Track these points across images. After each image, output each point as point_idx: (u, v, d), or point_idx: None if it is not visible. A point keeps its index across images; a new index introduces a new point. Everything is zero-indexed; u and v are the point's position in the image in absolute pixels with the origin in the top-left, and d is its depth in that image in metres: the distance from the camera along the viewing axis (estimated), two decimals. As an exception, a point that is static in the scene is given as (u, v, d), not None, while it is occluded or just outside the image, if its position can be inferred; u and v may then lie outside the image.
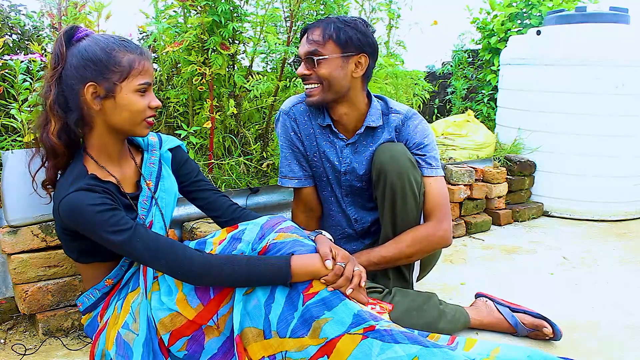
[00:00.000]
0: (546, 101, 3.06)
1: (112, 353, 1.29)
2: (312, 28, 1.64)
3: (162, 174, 1.45)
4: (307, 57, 1.63)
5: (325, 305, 1.20)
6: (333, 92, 1.66)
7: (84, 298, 1.40)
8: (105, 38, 1.27)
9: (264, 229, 1.32)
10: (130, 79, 1.25)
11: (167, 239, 1.25)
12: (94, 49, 1.24)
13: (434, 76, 4.72)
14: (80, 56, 1.24)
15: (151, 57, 1.32)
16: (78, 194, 1.20)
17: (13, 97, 1.77)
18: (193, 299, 1.25)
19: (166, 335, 1.26)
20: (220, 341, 1.27)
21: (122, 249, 1.21)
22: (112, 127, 1.29)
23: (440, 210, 1.71)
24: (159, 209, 1.41)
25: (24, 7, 2.46)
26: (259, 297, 1.23)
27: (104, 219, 1.19)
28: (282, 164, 1.82)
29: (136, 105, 1.26)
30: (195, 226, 1.94)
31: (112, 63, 1.24)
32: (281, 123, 1.79)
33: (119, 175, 1.35)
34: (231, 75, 2.30)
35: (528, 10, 3.93)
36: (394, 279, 1.74)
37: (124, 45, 1.26)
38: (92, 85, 1.23)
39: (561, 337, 1.64)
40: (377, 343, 1.17)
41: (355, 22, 1.64)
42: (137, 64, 1.25)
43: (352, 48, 1.62)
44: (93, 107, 1.25)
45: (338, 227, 1.88)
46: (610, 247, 2.61)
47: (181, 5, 2.14)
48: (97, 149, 1.32)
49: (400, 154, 1.66)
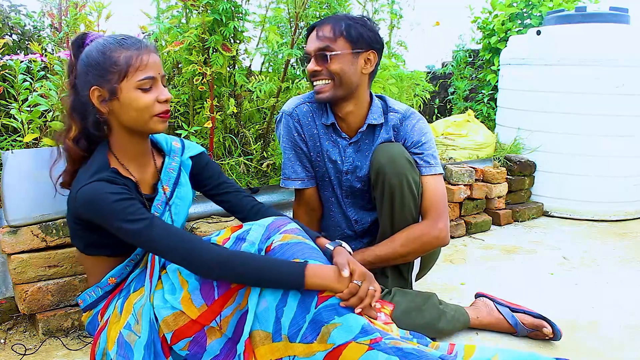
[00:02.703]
0: (546, 101, 3.06)
1: (113, 353, 1.29)
2: (321, 25, 1.65)
3: (180, 181, 1.45)
4: (318, 52, 1.63)
5: (336, 311, 1.21)
6: (344, 88, 1.66)
7: (85, 295, 1.40)
8: (104, 40, 1.27)
9: (269, 230, 1.32)
10: (129, 76, 1.24)
11: (183, 231, 1.26)
12: (93, 53, 1.25)
13: (434, 76, 4.72)
14: (82, 62, 1.26)
15: (154, 49, 1.30)
16: (98, 184, 1.21)
17: (13, 97, 1.77)
18: (197, 299, 1.25)
19: (169, 334, 1.26)
20: (222, 342, 1.27)
21: (137, 238, 1.21)
22: (126, 127, 1.30)
23: (436, 209, 1.70)
24: (170, 216, 1.41)
25: (24, 7, 2.47)
26: (269, 300, 1.22)
27: (121, 207, 1.19)
28: (285, 165, 1.82)
29: (140, 102, 1.25)
30: (195, 226, 1.94)
31: (109, 64, 1.24)
32: (284, 124, 1.79)
33: (138, 175, 1.36)
34: (232, 75, 2.30)
35: (528, 11, 3.93)
36: (393, 278, 1.74)
37: (121, 43, 1.25)
38: (96, 89, 1.25)
39: (561, 337, 1.64)
40: (383, 356, 1.17)
41: (363, 19, 1.66)
42: (134, 59, 1.24)
43: (362, 44, 1.63)
44: (102, 110, 1.26)
45: (338, 228, 1.88)
46: (610, 247, 2.61)
47: (183, 5, 2.14)
48: (118, 148, 1.33)
49: (399, 155, 1.66)
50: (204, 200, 2.03)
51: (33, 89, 1.78)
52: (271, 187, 2.26)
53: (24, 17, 2.43)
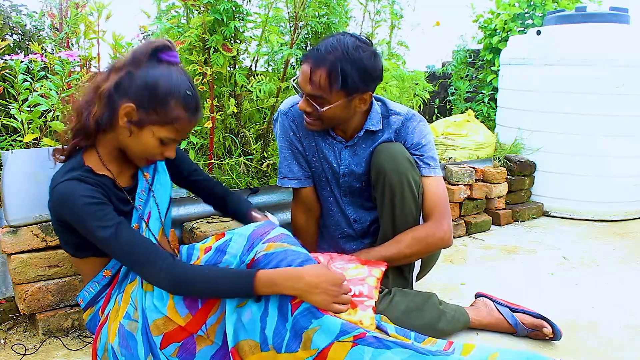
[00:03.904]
0: (546, 101, 3.06)
1: (115, 345, 1.30)
2: (316, 67, 1.52)
3: (158, 168, 1.47)
4: (310, 97, 1.58)
5: (312, 314, 1.21)
6: (333, 124, 1.68)
7: (84, 293, 1.40)
8: (178, 80, 1.25)
9: (251, 239, 1.29)
10: (165, 129, 1.26)
11: (145, 244, 1.24)
12: (162, 83, 1.23)
13: (434, 76, 4.71)
14: (146, 78, 1.23)
15: (200, 119, 1.33)
16: (70, 183, 1.22)
17: (13, 97, 1.77)
18: (182, 309, 1.25)
19: (159, 337, 1.26)
20: (213, 350, 1.27)
21: (102, 245, 1.23)
22: (123, 145, 1.31)
23: (439, 211, 1.70)
24: (155, 201, 1.42)
25: (25, 7, 2.47)
26: (253, 310, 1.23)
27: (90, 211, 1.20)
28: (282, 164, 1.82)
29: (153, 149, 1.29)
30: (195, 226, 1.94)
31: (162, 107, 1.23)
32: (280, 124, 1.79)
33: (116, 169, 1.36)
34: (232, 75, 2.30)
35: (530, 11, 3.93)
36: (394, 278, 1.74)
37: (187, 99, 1.25)
38: (131, 107, 1.23)
39: (561, 337, 1.64)
40: (369, 349, 1.18)
41: (361, 57, 1.52)
42: (181, 122, 1.26)
43: (358, 90, 1.56)
44: (120, 122, 1.26)
45: (337, 227, 1.89)
46: (610, 247, 2.61)
47: (184, 5, 2.15)
48: (102, 147, 1.33)
49: (399, 154, 1.66)
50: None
51: (33, 89, 1.78)
52: (271, 187, 2.26)
53: (25, 17, 2.43)
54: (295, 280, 1.20)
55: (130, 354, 1.28)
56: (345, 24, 2.55)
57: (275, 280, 1.20)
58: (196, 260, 1.32)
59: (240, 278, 1.21)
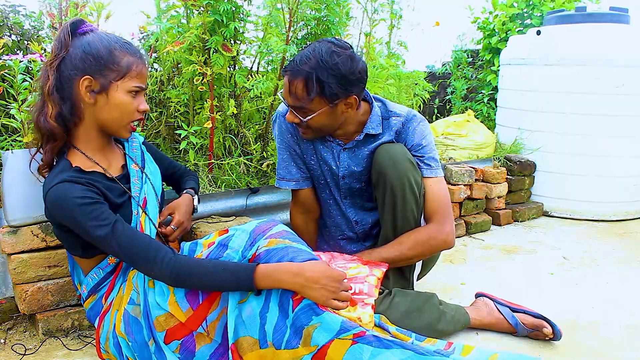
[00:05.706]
0: (546, 101, 3.06)
1: (121, 331, 1.31)
2: (293, 78, 1.55)
3: (146, 158, 1.51)
4: (294, 108, 1.60)
5: (313, 311, 1.21)
6: (325, 131, 1.68)
7: (87, 279, 1.39)
8: (108, 36, 1.32)
9: (253, 235, 1.32)
10: (126, 79, 1.30)
11: (143, 239, 1.26)
12: (96, 44, 1.28)
13: (433, 76, 4.71)
14: (82, 49, 1.28)
15: (149, 62, 1.38)
16: (62, 186, 1.23)
17: (13, 97, 1.77)
18: (183, 303, 1.26)
19: (161, 333, 1.27)
20: (212, 348, 1.28)
21: (100, 244, 1.24)
22: (100, 123, 1.33)
23: (441, 213, 1.70)
24: (151, 185, 1.45)
25: (24, 8, 2.46)
26: (254, 306, 1.23)
27: (85, 212, 1.21)
28: (280, 165, 1.81)
29: (127, 105, 1.31)
30: (195, 226, 1.94)
31: (112, 61, 1.28)
32: (278, 125, 1.79)
33: (105, 163, 1.38)
34: (232, 75, 2.30)
35: (529, 11, 3.93)
36: (395, 278, 1.74)
37: (126, 46, 1.31)
38: (87, 79, 1.27)
39: (561, 337, 1.64)
40: (368, 348, 1.18)
41: (337, 63, 1.51)
42: (135, 66, 1.31)
43: (339, 95, 1.56)
44: (85, 99, 1.29)
45: (338, 229, 1.88)
46: (610, 247, 2.61)
47: (184, 5, 2.14)
48: (82, 142, 1.35)
49: (400, 155, 1.66)
50: (204, 200, 2.03)
51: (33, 89, 1.78)
52: (271, 187, 2.25)
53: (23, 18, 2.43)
54: (295, 274, 1.21)
55: (135, 340, 1.30)
56: (345, 24, 2.54)
57: (275, 274, 1.21)
58: (199, 254, 1.33)
59: (241, 271, 1.22)
